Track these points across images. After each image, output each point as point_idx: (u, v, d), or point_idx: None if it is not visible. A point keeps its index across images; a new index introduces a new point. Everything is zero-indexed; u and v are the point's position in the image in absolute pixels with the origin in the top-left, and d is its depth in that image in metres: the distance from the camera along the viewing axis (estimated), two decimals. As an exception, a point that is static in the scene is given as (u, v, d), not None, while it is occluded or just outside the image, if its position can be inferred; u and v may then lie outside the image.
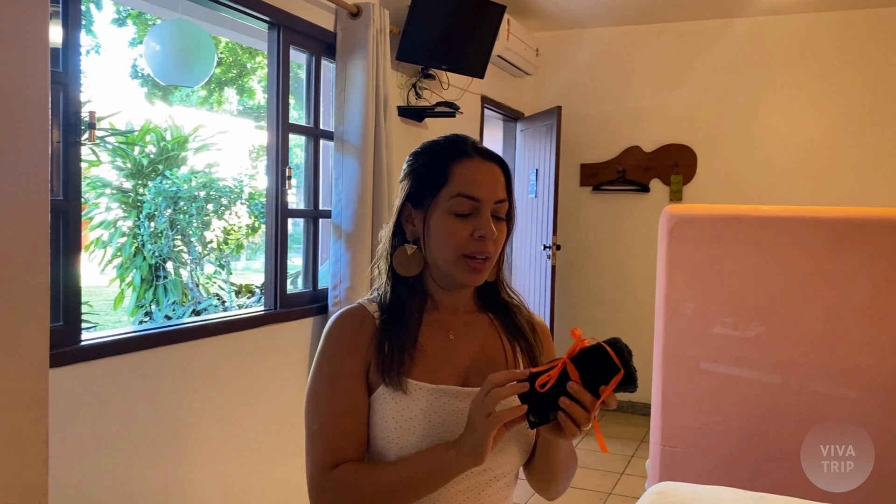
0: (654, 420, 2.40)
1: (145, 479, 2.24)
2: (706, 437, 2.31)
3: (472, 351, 1.17)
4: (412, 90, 3.71)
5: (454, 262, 1.11)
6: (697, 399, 2.31)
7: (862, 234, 2.14)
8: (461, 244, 1.10)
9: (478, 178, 1.12)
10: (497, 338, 1.21)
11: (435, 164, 1.14)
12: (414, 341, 1.13)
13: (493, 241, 1.12)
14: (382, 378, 1.09)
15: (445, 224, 1.11)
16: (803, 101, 4.70)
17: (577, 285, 5.23)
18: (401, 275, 1.17)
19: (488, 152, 1.17)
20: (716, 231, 2.33)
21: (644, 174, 5.04)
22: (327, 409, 1.10)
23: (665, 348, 2.36)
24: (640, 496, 1.91)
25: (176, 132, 6.78)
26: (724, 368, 2.29)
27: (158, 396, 2.28)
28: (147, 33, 3.41)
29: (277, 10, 2.73)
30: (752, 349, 2.24)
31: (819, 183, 4.62)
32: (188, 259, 6.56)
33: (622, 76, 5.09)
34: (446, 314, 1.18)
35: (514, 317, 1.24)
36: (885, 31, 4.50)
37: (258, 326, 2.69)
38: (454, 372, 1.14)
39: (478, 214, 1.11)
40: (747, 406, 2.24)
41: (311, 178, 3.08)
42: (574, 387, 0.95)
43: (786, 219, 2.26)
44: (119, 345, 2.14)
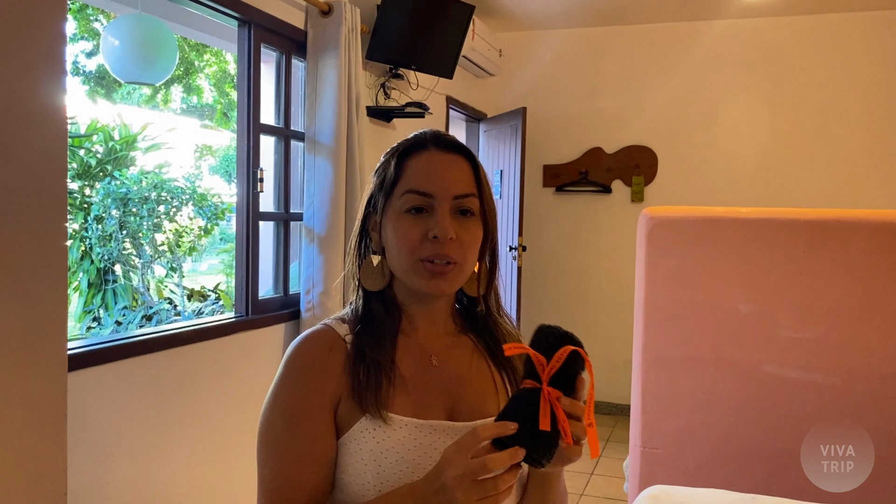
0: (634, 422, 2.40)
1: (117, 485, 2.14)
2: (686, 439, 2.32)
3: (459, 378, 1.02)
4: (381, 90, 3.65)
5: (410, 267, 0.97)
6: (677, 400, 2.32)
7: (838, 236, 2.19)
8: (414, 246, 0.96)
9: (431, 170, 0.98)
10: (484, 363, 1.06)
11: (390, 163, 1.01)
12: (391, 364, 0.98)
13: (458, 243, 0.96)
14: (362, 408, 0.94)
15: (396, 225, 0.97)
16: (762, 104, 4.81)
17: (539, 286, 5.25)
18: (371, 290, 1.03)
19: (448, 142, 1.01)
20: (694, 233, 2.35)
21: (606, 175, 5.10)
22: (282, 452, 0.93)
23: (644, 350, 2.36)
24: (613, 496, 1.91)
25: (124, 131, 6.57)
26: (704, 369, 2.31)
27: (132, 407, 2.18)
28: (105, 28, 3.27)
29: (248, 6, 2.65)
30: (731, 350, 2.26)
31: (778, 184, 4.75)
32: (138, 262, 6.36)
33: (585, 78, 5.13)
34: (426, 336, 1.04)
35: (500, 334, 1.08)
36: (843, 35, 4.64)
37: (231, 334, 2.60)
38: (441, 404, 0.99)
39: (432, 212, 0.96)
40: (727, 406, 2.27)
41: (282, 180, 3.00)
42: (565, 403, 0.81)
43: (763, 220, 2.30)
44: (90, 356, 2.03)
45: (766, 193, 4.74)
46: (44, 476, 1.01)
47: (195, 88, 10.01)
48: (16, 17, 0.94)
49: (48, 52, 0.98)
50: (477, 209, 0.99)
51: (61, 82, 1.00)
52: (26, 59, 0.97)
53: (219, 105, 9.90)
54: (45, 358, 1.05)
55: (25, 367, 1.02)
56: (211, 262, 8.45)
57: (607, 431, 4.64)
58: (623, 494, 3.45)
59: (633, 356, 2.38)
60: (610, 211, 5.09)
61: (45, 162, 1.01)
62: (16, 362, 1.00)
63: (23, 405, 1.02)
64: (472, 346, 1.07)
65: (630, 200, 5.04)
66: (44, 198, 1.02)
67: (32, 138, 0.99)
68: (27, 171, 0.99)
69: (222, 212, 6.68)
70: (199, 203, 6.47)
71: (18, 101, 0.96)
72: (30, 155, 0.99)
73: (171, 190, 6.29)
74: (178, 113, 10.09)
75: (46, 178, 1.01)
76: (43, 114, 1.00)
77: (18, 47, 0.95)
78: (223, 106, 9.85)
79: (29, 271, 1.02)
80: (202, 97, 9.98)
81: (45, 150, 1.00)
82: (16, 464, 0.99)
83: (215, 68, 9.65)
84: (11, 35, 0.95)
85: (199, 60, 9.62)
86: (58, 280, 1.04)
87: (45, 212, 1.03)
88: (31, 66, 0.98)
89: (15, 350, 1.00)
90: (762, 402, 2.22)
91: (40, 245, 1.01)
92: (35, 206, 1.01)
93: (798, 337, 2.19)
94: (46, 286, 1.04)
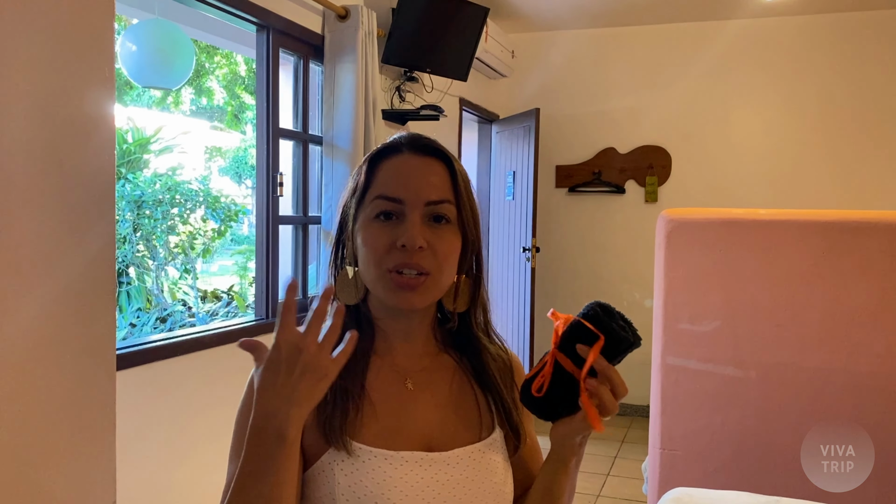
0: (654, 424, 2.41)
1: (139, 488, 2.16)
2: (706, 440, 2.32)
3: (438, 404, 0.94)
4: (396, 93, 3.67)
5: (379, 278, 0.89)
6: (696, 402, 2.33)
7: (858, 237, 2.18)
8: (381, 255, 0.88)
9: (402, 174, 0.91)
10: (467, 385, 0.97)
11: (362, 168, 0.95)
12: (361, 388, 0.89)
13: (430, 252, 0.88)
14: (326, 440, 0.86)
15: (365, 233, 0.90)
16: (775, 104, 4.80)
17: (553, 287, 5.25)
18: (346, 304, 0.93)
19: (424, 145, 0.94)
20: (713, 235, 2.36)
21: (619, 176, 5.09)
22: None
23: (664, 352, 2.37)
24: (630, 497, 1.91)
25: (137, 134, 6.60)
26: (723, 371, 2.31)
27: (155, 412, 2.20)
28: (122, 34, 3.30)
29: (266, 11, 2.67)
30: (751, 351, 2.27)
31: (792, 184, 4.73)
32: (152, 264, 6.40)
33: (597, 78, 5.13)
34: (403, 356, 0.95)
35: (485, 356, 0.99)
36: (858, 34, 4.62)
37: (252, 337, 2.62)
38: (416, 432, 0.91)
39: (402, 219, 0.89)
40: (747, 408, 2.27)
41: (300, 183, 3.02)
42: (601, 364, 0.80)
43: (782, 222, 2.30)
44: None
45: (780, 194, 4.72)
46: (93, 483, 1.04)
47: (206, 91, 10.05)
48: (68, 31, 0.97)
49: (98, 65, 1.00)
50: (453, 216, 0.92)
51: (110, 93, 1.03)
52: (78, 72, 1.00)
53: (229, 107, 9.93)
54: (95, 361, 1.07)
55: (76, 371, 1.05)
56: (222, 264, 8.49)
57: (622, 432, 4.64)
58: (641, 496, 3.46)
59: (651, 358, 2.38)
60: (623, 211, 5.09)
61: (95, 170, 1.03)
62: (67, 365, 1.03)
63: (73, 406, 1.04)
64: (453, 366, 0.98)
65: (644, 201, 5.04)
66: (94, 204, 1.04)
67: (84, 147, 1.02)
68: (79, 179, 1.02)
69: (235, 213, 6.70)
70: (211, 205, 6.51)
71: (71, 111, 0.98)
72: (81, 163, 1.01)
73: (184, 192, 6.32)
74: (188, 115, 10.14)
75: (97, 185, 1.03)
76: (94, 123, 1.02)
77: (71, 61, 0.98)
78: (234, 108, 9.89)
79: (79, 272, 1.05)
80: (213, 99, 10.02)
81: (96, 158, 1.03)
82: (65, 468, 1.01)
83: (226, 70, 9.68)
84: (65, 47, 0.97)
85: (209, 63, 9.67)
86: (106, 280, 1.07)
87: (96, 218, 1.05)
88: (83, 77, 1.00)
89: (66, 354, 1.02)
90: (783, 403, 2.23)
91: (91, 250, 1.04)
92: (86, 213, 1.04)
93: (819, 338, 2.19)
94: (96, 286, 1.07)
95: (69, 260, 1.01)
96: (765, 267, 2.27)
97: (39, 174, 0.97)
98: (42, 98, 0.97)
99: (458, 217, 0.92)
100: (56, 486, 0.98)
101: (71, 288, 1.03)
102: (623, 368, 0.86)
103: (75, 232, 1.04)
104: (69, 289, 1.02)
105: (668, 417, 2.39)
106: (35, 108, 0.96)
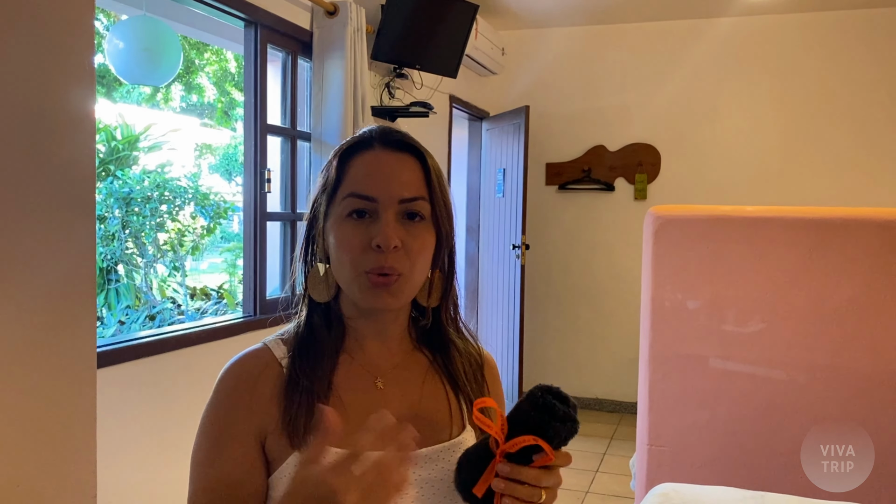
0: (641, 419, 2.42)
1: (125, 485, 2.15)
2: (693, 436, 2.33)
3: (408, 403, 0.92)
4: (385, 90, 3.66)
5: (353, 279, 0.87)
6: (684, 398, 2.34)
7: (845, 234, 2.20)
8: (356, 256, 0.86)
9: (375, 171, 0.88)
10: (439, 384, 0.95)
11: (332, 163, 0.92)
12: (328, 388, 0.87)
13: (404, 252, 0.87)
14: (290, 442, 0.84)
15: (338, 232, 0.88)
16: (765, 101, 4.82)
17: (542, 284, 5.26)
18: (318, 302, 0.92)
19: (396, 140, 0.91)
20: (701, 231, 2.36)
21: (609, 173, 5.10)
22: (201, 489, 0.84)
23: (651, 348, 2.38)
24: (618, 493, 1.92)
25: (126, 131, 6.57)
26: (711, 367, 2.32)
27: (140, 409, 2.19)
28: (110, 30, 3.27)
29: (254, 7, 2.66)
30: (738, 347, 2.27)
31: (781, 181, 4.75)
32: (141, 262, 6.37)
33: (587, 76, 5.14)
34: (374, 355, 0.93)
35: (453, 352, 0.98)
36: (847, 32, 4.64)
37: (239, 334, 2.62)
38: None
39: (376, 218, 0.87)
40: (734, 404, 2.28)
41: (289, 180, 3.01)
42: (504, 469, 0.79)
43: (770, 219, 2.30)
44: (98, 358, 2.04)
45: (769, 191, 4.74)
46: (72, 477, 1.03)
47: (196, 87, 10.00)
48: (48, 28, 0.95)
49: (78, 60, 0.99)
50: (427, 213, 0.90)
51: (91, 88, 1.01)
52: (58, 66, 0.99)
53: (219, 104, 9.89)
54: (74, 357, 1.06)
55: (55, 367, 1.04)
56: (212, 261, 8.46)
57: (611, 429, 4.65)
58: (629, 492, 3.47)
59: (639, 354, 2.39)
60: (613, 209, 5.10)
61: (75, 165, 1.02)
62: (46, 362, 1.02)
63: (54, 405, 1.03)
64: (426, 365, 0.96)
65: (633, 198, 5.05)
66: (74, 200, 1.03)
67: (63, 143, 1.01)
68: (58, 174, 1.01)
69: (224, 211, 6.68)
70: (201, 202, 6.48)
71: (51, 107, 0.97)
72: (61, 159, 1.00)
73: (173, 189, 6.29)
74: (177, 112, 10.09)
75: (77, 180, 1.03)
76: (73, 119, 1.01)
77: (50, 55, 0.96)
78: (223, 105, 9.84)
79: (59, 271, 1.03)
80: (203, 96, 9.98)
81: (76, 153, 1.02)
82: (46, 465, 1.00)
83: (216, 67, 9.64)
84: (44, 44, 0.96)
85: (199, 59, 9.62)
86: (86, 279, 1.06)
87: (76, 213, 1.04)
88: (63, 73, 0.99)
89: (45, 350, 1.01)
90: (769, 399, 2.24)
91: (70, 246, 1.03)
92: (65, 208, 1.03)
93: (806, 334, 2.20)
94: (75, 285, 1.06)
95: (49, 258, 1.00)
96: (752, 263, 2.28)
97: (19, 170, 0.96)
98: (21, 93, 0.96)
99: (431, 213, 0.91)
100: (36, 482, 0.98)
101: (50, 288, 1.02)
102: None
103: (55, 228, 1.03)
104: (49, 289, 1.01)
105: (655, 413, 2.39)
106: (13, 103, 0.95)
